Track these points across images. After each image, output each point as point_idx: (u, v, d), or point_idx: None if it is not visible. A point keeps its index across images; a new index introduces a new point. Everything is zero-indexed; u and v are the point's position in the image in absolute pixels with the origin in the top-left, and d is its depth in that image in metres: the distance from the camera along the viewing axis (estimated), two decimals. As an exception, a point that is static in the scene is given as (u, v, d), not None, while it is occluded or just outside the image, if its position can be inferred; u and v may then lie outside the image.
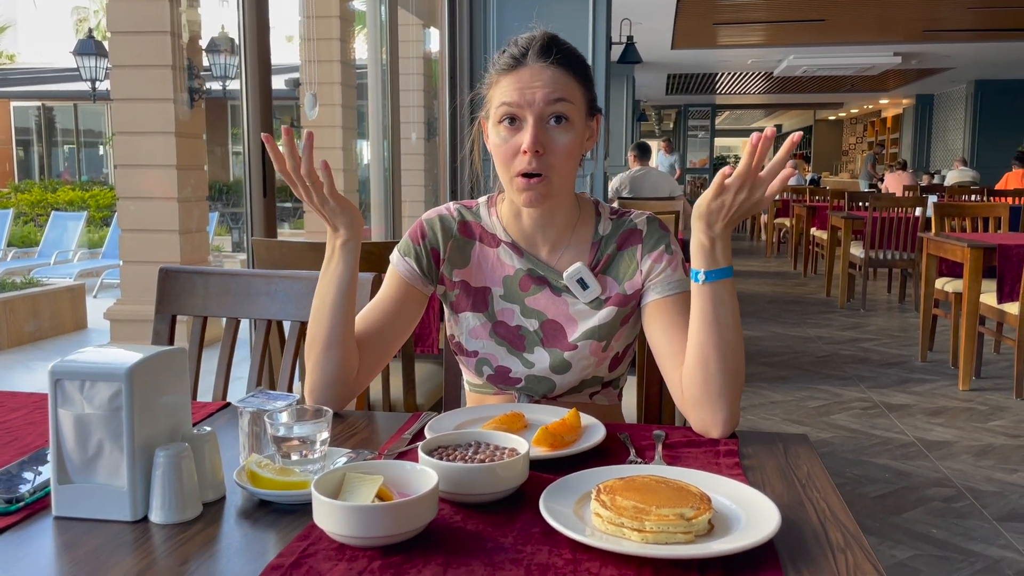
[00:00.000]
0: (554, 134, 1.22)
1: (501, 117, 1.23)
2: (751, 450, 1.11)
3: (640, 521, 0.82)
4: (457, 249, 1.35)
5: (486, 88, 1.29)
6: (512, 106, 1.22)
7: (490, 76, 1.28)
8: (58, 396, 0.89)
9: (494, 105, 1.25)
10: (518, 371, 1.34)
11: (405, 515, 0.82)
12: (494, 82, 1.26)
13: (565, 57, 1.24)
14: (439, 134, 6.42)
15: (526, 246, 1.34)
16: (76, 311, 6.42)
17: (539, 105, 1.21)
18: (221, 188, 12.20)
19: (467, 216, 1.37)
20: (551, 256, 1.33)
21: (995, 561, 2.42)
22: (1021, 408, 3.96)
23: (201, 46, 6.26)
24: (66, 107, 15.70)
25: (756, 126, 27.65)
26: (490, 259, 1.35)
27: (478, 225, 1.36)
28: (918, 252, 6.25)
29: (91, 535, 0.86)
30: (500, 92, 1.24)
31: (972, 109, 14.76)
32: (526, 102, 1.21)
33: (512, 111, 1.22)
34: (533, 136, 1.20)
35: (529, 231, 1.33)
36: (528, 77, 1.22)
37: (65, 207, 11.32)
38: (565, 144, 1.23)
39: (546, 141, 1.22)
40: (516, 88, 1.22)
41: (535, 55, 1.23)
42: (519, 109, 1.21)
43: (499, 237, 1.34)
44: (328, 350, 1.23)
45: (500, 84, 1.25)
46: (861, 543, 0.83)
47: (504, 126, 1.23)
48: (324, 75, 6.19)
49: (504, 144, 1.23)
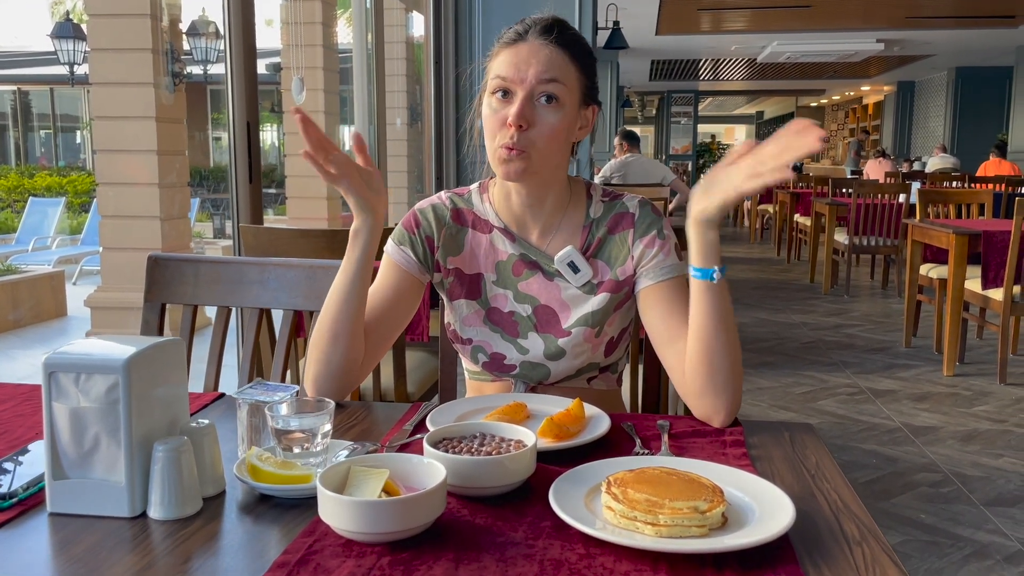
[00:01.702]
0: (541, 112, 1.21)
1: (494, 89, 1.23)
2: (757, 440, 1.09)
3: (654, 515, 0.80)
4: (451, 237, 1.34)
5: (487, 61, 1.29)
6: (506, 80, 1.21)
7: (493, 49, 1.27)
8: (52, 389, 0.86)
9: (490, 76, 1.25)
10: (513, 358, 1.32)
11: (414, 510, 0.80)
12: (494, 54, 1.26)
13: (566, 39, 1.23)
14: (423, 120, 6.38)
15: (517, 230, 1.33)
16: (56, 298, 6.33)
17: (531, 82, 1.20)
18: (202, 173, 12.06)
19: (459, 203, 1.36)
20: (542, 240, 1.32)
21: (983, 546, 2.44)
22: (1005, 393, 3.99)
23: (181, 29, 6.17)
24: (42, 91, 15.45)
25: (739, 113, 27.72)
26: (483, 245, 1.33)
27: (470, 212, 1.35)
28: (901, 238, 6.29)
29: (88, 532, 0.84)
30: (497, 64, 1.24)
31: (952, 96, 14.84)
32: (519, 77, 1.20)
33: (505, 84, 1.22)
34: (519, 110, 1.19)
35: (519, 213, 1.32)
36: (526, 53, 1.21)
37: (43, 193, 11.15)
38: (551, 123, 1.21)
39: (532, 117, 1.20)
40: (512, 62, 1.21)
41: (536, 33, 1.23)
42: (511, 83, 1.21)
43: (491, 223, 1.33)
44: (335, 341, 1.21)
45: (499, 57, 1.24)
46: (876, 535, 0.82)
47: (496, 98, 1.23)
48: (306, 60, 6.12)
49: (493, 115, 1.23)
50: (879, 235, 6.36)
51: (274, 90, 8.91)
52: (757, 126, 27.58)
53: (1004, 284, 3.94)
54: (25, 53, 14.31)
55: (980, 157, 11.39)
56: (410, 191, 6.64)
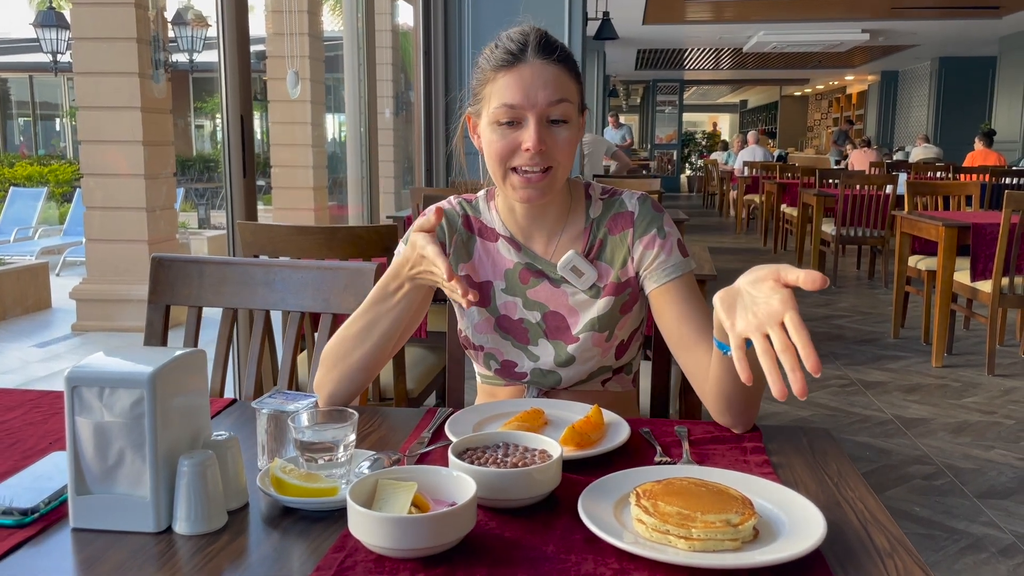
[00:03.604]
0: (554, 131, 1.20)
1: (499, 118, 1.20)
2: (776, 446, 1.10)
3: (686, 528, 0.80)
4: (461, 243, 1.34)
5: (478, 84, 1.25)
6: (514, 107, 1.18)
7: (483, 72, 1.23)
8: (75, 403, 0.85)
9: (491, 104, 1.21)
10: (524, 365, 1.32)
11: (447, 526, 0.79)
12: (489, 79, 1.22)
13: (564, 55, 1.22)
14: (412, 110, 6.34)
15: (522, 239, 1.32)
16: (39, 290, 6.26)
17: (541, 106, 1.18)
18: (185, 163, 11.95)
19: (468, 210, 1.36)
20: (547, 249, 1.32)
21: (978, 538, 2.46)
22: (993, 384, 4.03)
23: (167, 18, 6.09)
24: (21, 79, 15.24)
25: (723, 102, 27.75)
26: (491, 253, 1.33)
27: (477, 220, 1.35)
28: (888, 229, 6.33)
29: (114, 548, 0.82)
30: (499, 91, 1.20)
31: (936, 86, 14.94)
32: (528, 103, 1.18)
33: (513, 113, 1.19)
34: (537, 135, 1.18)
35: (524, 225, 1.32)
36: (530, 76, 1.18)
37: (23, 183, 11.01)
38: (565, 139, 1.21)
39: (547, 139, 1.19)
40: (518, 88, 1.18)
41: (535, 52, 1.19)
42: (521, 110, 1.18)
43: (498, 231, 1.33)
44: (360, 371, 1.22)
45: (498, 82, 1.20)
46: (907, 547, 0.82)
47: (503, 125, 1.20)
48: (292, 48, 6.06)
49: (501, 141, 1.20)
50: (866, 226, 6.40)
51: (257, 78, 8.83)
52: (741, 115, 27.64)
53: (993, 276, 3.97)
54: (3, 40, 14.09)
55: (963, 147, 11.47)
56: (396, 182, 6.60)
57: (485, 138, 1.23)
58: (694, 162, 20.35)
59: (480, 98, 1.24)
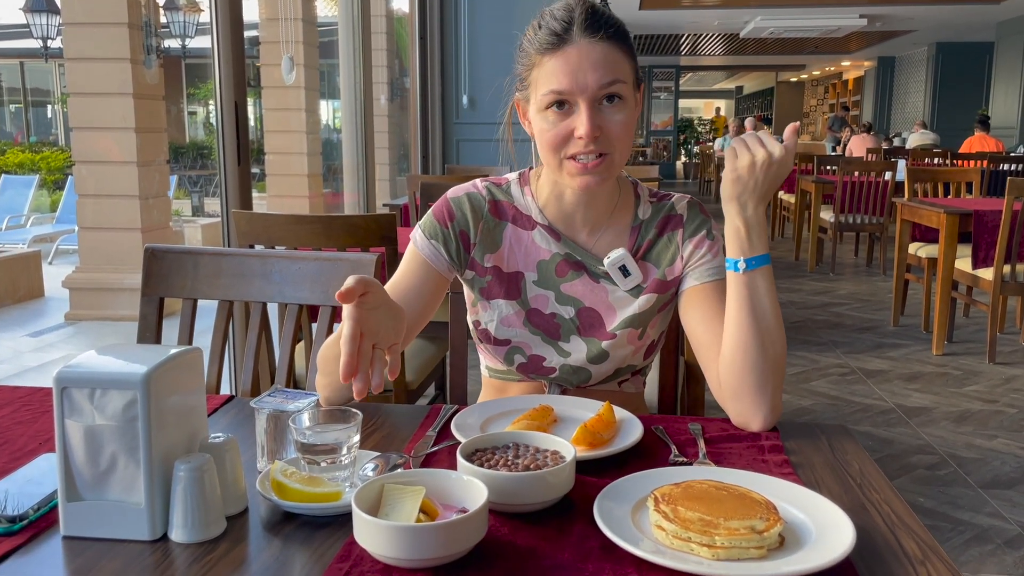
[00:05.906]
0: (608, 113, 1.12)
1: (549, 104, 1.13)
2: (794, 444, 1.06)
3: (710, 536, 0.76)
4: (488, 232, 1.26)
5: (524, 69, 1.17)
6: (562, 93, 1.11)
7: (528, 55, 1.16)
8: (65, 405, 0.80)
9: (539, 91, 1.14)
10: (552, 361, 1.27)
11: (458, 534, 0.75)
12: (535, 63, 1.14)
13: (613, 29, 1.13)
14: (407, 96, 6.27)
15: (564, 228, 1.25)
16: (32, 278, 6.20)
17: (592, 89, 1.10)
18: (178, 150, 11.85)
19: (498, 195, 1.27)
20: (589, 239, 1.25)
21: (984, 529, 2.44)
22: (994, 373, 4.01)
23: (159, 3, 6.01)
24: (12, 65, 15.09)
25: (718, 88, 27.67)
26: (524, 242, 1.26)
27: (511, 206, 1.27)
28: (887, 216, 6.29)
29: (108, 557, 0.78)
30: (545, 76, 1.12)
31: (933, 71, 14.87)
32: (578, 88, 1.10)
33: (562, 98, 1.12)
34: (590, 122, 1.10)
35: (570, 212, 1.25)
36: (576, 58, 1.10)
37: (15, 170, 10.91)
38: (621, 121, 1.13)
39: (602, 123, 1.12)
40: (566, 72, 1.10)
41: (581, 31, 1.11)
42: (570, 95, 1.11)
43: (535, 219, 1.25)
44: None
45: (544, 66, 1.13)
46: (939, 553, 0.78)
47: (552, 111, 1.13)
48: (286, 33, 5.99)
49: (553, 129, 1.13)
50: (865, 213, 6.36)
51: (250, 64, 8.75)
52: (736, 101, 27.56)
53: (994, 263, 3.94)
54: (-7, 25, 13.92)
55: (959, 133, 11.43)
56: (390, 169, 6.54)
57: (536, 126, 1.16)
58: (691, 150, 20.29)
59: (527, 83, 1.17)
